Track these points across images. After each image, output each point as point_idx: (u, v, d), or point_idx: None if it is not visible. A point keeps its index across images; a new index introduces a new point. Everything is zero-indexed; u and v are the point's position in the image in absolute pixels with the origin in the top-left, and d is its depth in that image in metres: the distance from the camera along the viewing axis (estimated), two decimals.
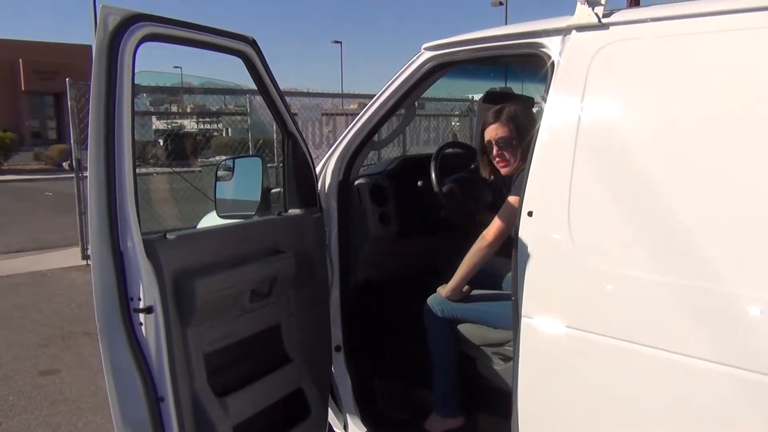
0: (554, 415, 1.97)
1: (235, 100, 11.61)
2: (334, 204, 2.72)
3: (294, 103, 9.55)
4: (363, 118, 2.68)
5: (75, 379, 4.39)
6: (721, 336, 1.60)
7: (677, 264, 1.68)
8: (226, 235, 2.36)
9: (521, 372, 2.00)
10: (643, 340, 1.71)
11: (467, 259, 2.53)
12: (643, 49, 1.83)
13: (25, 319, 5.76)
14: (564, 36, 1.98)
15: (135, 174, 1.87)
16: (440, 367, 2.68)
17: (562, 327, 1.87)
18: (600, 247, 1.83)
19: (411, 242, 3.18)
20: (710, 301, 1.62)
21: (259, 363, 2.41)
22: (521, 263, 1.96)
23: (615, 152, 1.82)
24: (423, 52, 2.46)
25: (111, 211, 1.82)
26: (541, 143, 1.96)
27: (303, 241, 2.55)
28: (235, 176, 2.78)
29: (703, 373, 1.62)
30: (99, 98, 1.81)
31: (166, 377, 1.93)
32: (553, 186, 1.91)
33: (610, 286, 1.80)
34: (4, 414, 3.87)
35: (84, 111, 7.22)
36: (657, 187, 1.73)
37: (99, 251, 1.84)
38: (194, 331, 2.08)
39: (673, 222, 1.69)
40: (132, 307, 1.88)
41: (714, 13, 1.70)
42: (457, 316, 2.62)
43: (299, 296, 2.55)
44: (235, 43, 2.26)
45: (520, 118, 2.53)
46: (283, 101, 2.50)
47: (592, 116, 1.87)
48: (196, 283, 2.03)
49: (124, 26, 1.83)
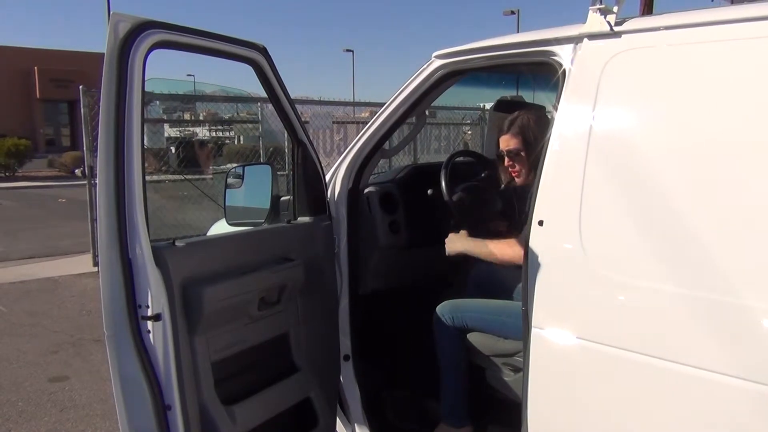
0: (564, 427, 1.95)
1: (247, 108, 11.67)
2: (344, 212, 2.71)
3: (305, 111, 9.58)
4: (373, 126, 2.67)
5: (84, 385, 4.40)
6: (734, 349, 1.57)
7: (690, 275, 1.65)
8: (235, 242, 2.35)
9: (531, 383, 1.98)
10: (655, 352, 1.68)
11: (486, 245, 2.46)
12: (656, 58, 1.81)
13: (37, 326, 5.78)
14: (576, 44, 1.97)
15: (144, 181, 1.87)
16: (449, 377, 2.65)
17: (572, 338, 1.85)
18: (611, 257, 1.80)
19: (420, 251, 3.16)
20: (724, 314, 1.59)
21: (267, 371, 2.39)
22: (531, 273, 1.94)
23: (627, 161, 1.80)
24: (434, 60, 2.46)
25: (120, 217, 1.82)
26: (552, 152, 1.94)
27: (312, 249, 2.54)
28: (245, 184, 2.77)
29: (716, 386, 1.59)
30: (109, 105, 1.81)
31: (173, 385, 1.92)
32: (564, 195, 1.89)
33: (622, 296, 1.77)
34: (13, 420, 3.88)
35: (97, 118, 7.25)
36: (669, 197, 1.71)
37: (108, 258, 1.84)
38: (202, 339, 2.08)
39: (686, 233, 1.66)
40: (140, 314, 1.88)
41: (728, 22, 1.69)
42: (467, 324, 2.60)
43: (308, 305, 2.54)
44: (246, 50, 2.26)
45: (530, 129, 2.47)
46: (293, 109, 2.49)
47: (603, 125, 1.85)
48: (205, 290, 2.02)
49: (134, 33, 1.83)
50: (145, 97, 1.93)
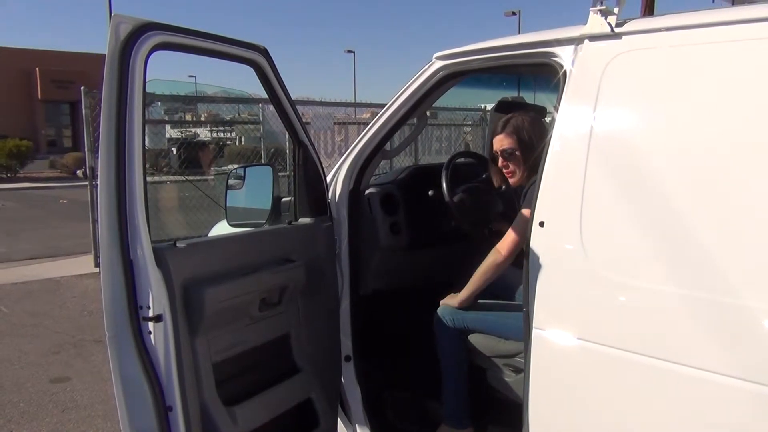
0: (565, 428, 1.94)
1: (248, 109, 11.67)
2: (345, 213, 2.71)
3: (306, 112, 9.58)
4: (374, 127, 2.67)
5: (86, 386, 4.40)
6: (735, 349, 1.57)
7: (690, 276, 1.65)
8: (236, 243, 2.35)
9: (532, 384, 1.97)
10: (656, 353, 1.68)
11: (480, 271, 2.51)
12: (658, 59, 1.81)
13: (38, 326, 5.79)
14: (576, 45, 1.97)
15: (145, 182, 1.87)
16: (450, 378, 2.65)
17: (573, 339, 1.85)
18: (612, 258, 1.80)
19: (421, 252, 3.16)
20: (724, 314, 1.59)
21: (268, 372, 2.40)
22: (532, 274, 1.94)
23: (628, 162, 1.80)
24: (434, 61, 2.46)
25: (121, 218, 1.82)
26: (553, 153, 1.94)
27: (313, 250, 2.54)
28: (246, 185, 2.77)
29: (717, 387, 1.59)
30: (110, 106, 1.81)
31: (174, 386, 1.93)
32: (564, 196, 1.89)
33: (623, 297, 1.77)
34: (15, 421, 3.88)
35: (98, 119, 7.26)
36: (670, 198, 1.70)
37: (109, 259, 1.84)
38: (203, 339, 2.08)
39: (687, 234, 1.66)
40: (141, 315, 1.88)
41: (729, 23, 1.68)
42: (468, 326, 2.60)
43: (309, 305, 2.54)
44: (247, 52, 2.26)
45: (525, 129, 2.50)
46: (294, 110, 2.50)
47: (604, 126, 1.85)
48: (206, 291, 2.02)
49: (135, 35, 1.83)
50: (147, 98, 1.93)
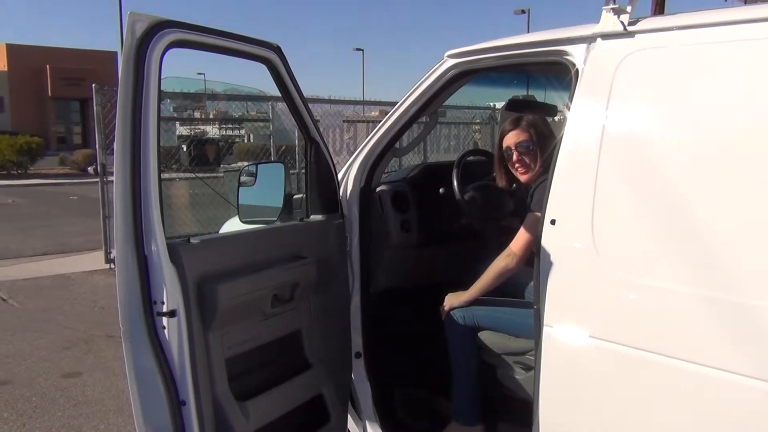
0: (576, 426, 1.95)
1: (257, 107, 11.70)
2: (356, 210, 2.72)
3: (315, 110, 9.58)
4: (386, 125, 2.68)
5: (97, 381, 4.44)
6: (748, 348, 1.57)
7: (703, 275, 1.65)
8: (248, 240, 2.37)
9: (543, 381, 1.98)
10: (667, 351, 1.69)
11: (489, 274, 2.52)
12: (670, 58, 1.81)
13: (49, 322, 5.84)
14: (588, 44, 1.97)
15: (160, 179, 1.89)
16: (460, 375, 2.66)
17: (584, 337, 1.85)
18: (623, 256, 1.81)
19: (432, 250, 3.17)
20: (736, 314, 1.59)
21: (280, 368, 2.41)
22: (543, 272, 1.95)
23: (639, 161, 1.80)
24: (446, 59, 2.46)
25: (136, 215, 1.84)
26: (565, 151, 1.95)
27: (324, 248, 2.55)
28: (257, 182, 2.79)
29: (729, 386, 1.59)
30: (126, 104, 1.83)
31: (188, 381, 1.94)
32: (576, 194, 1.89)
33: (634, 296, 1.78)
34: (27, 415, 3.92)
35: (109, 116, 7.32)
36: (681, 197, 1.71)
37: (124, 255, 1.86)
38: (216, 335, 2.10)
39: (700, 232, 1.66)
40: (155, 310, 1.90)
41: (741, 22, 1.68)
42: (478, 323, 2.61)
43: (320, 302, 2.55)
44: (260, 49, 2.27)
45: (539, 125, 2.60)
46: (306, 108, 2.51)
47: (616, 125, 1.86)
48: (219, 287, 2.04)
49: (151, 33, 1.85)
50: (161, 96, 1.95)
